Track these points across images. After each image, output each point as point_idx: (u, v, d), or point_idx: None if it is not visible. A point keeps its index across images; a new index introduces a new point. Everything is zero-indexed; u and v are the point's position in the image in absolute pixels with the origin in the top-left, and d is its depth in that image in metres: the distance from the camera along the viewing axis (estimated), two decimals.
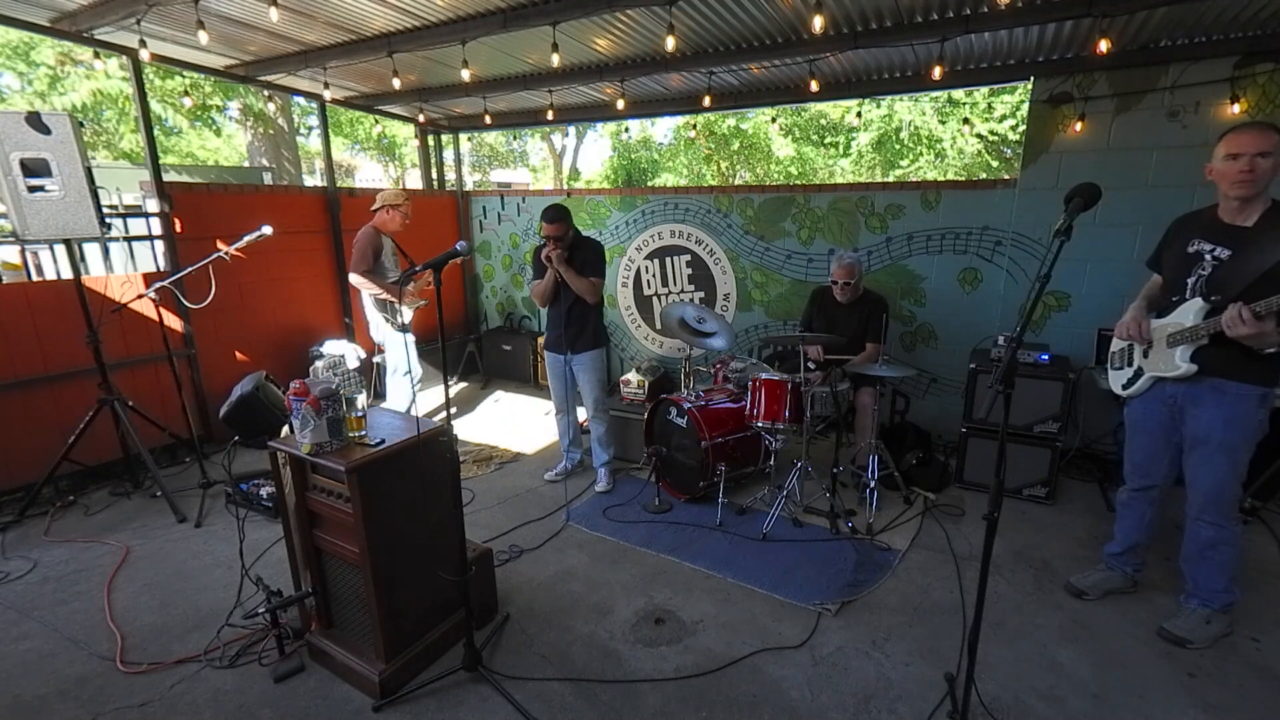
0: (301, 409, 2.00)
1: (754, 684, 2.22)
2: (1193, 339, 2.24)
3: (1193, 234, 2.30)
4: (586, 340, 3.65)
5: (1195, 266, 2.27)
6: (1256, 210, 2.15)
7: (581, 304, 3.56)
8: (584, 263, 3.52)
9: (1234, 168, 2.12)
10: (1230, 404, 2.23)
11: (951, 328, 4.37)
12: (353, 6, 3.36)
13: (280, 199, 5.08)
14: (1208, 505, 2.36)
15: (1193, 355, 2.26)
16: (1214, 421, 2.27)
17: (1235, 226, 2.19)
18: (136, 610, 2.64)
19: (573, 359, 3.67)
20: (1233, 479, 2.31)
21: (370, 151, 16.71)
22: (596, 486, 3.80)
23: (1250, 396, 2.20)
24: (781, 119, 11.99)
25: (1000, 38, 3.49)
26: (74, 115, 3.14)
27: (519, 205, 6.26)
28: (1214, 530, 2.36)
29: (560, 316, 3.57)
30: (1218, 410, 2.25)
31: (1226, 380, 2.22)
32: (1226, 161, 2.15)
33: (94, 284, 3.71)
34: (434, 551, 2.27)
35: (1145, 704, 2.12)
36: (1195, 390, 2.30)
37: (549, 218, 3.42)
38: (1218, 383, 2.24)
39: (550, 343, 3.75)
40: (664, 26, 3.24)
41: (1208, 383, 2.26)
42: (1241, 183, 2.12)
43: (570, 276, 3.46)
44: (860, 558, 3.01)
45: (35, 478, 3.46)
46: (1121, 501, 2.69)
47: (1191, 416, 2.33)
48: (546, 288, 3.55)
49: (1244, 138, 2.11)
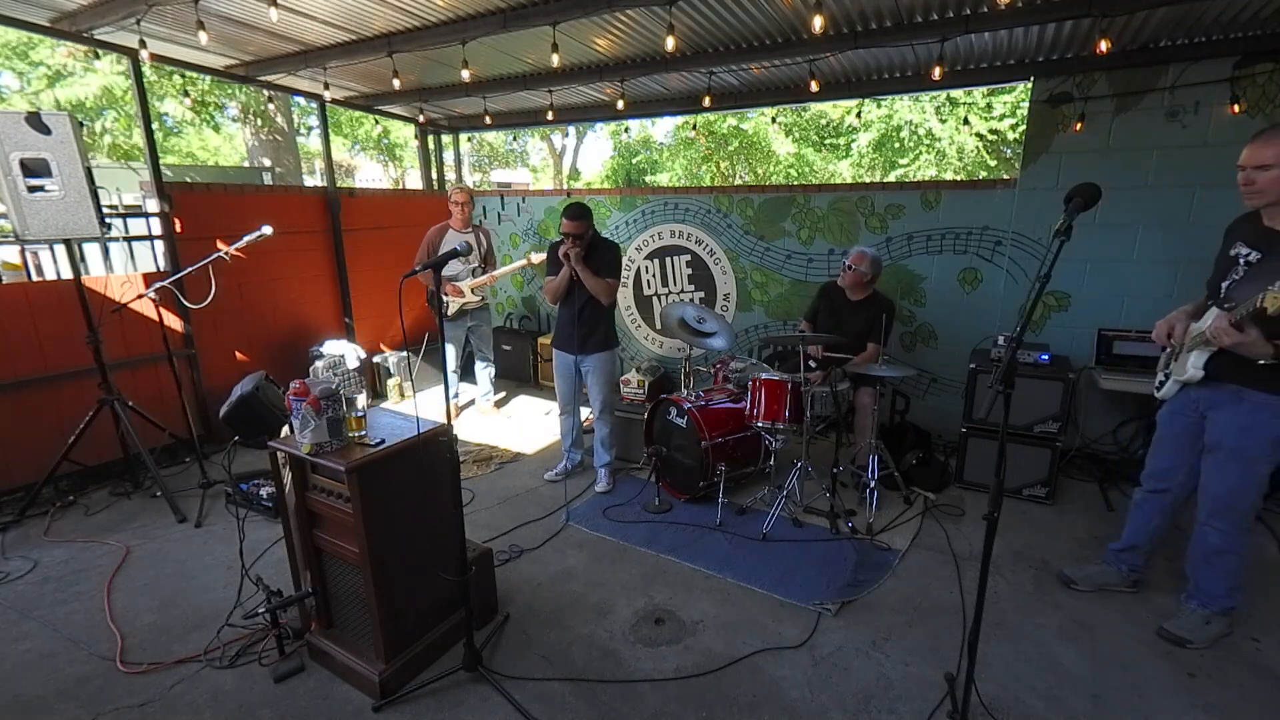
0: (301, 409, 2.00)
1: (754, 684, 2.22)
2: (1206, 344, 2.22)
3: (1238, 236, 2.25)
4: (597, 341, 3.62)
5: (1231, 270, 2.23)
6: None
7: (595, 304, 3.54)
8: (600, 263, 3.50)
9: (1240, 179, 2.13)
10: (1249, 412, 2.19)
11: (951, 328, 4.37)
12: (353, 6, 3.36)
13: (280, 199, 5.09)
14: (1216, 511, 2.34)
15: (1207, 361, 2.23)
16: (1229, 428, 2.25)
17: (1274, 230, 2.12)
18: (136, 610, 2.64)
19: (582, 359, 3.65)
20: (1245, 489, 2.27)
21: (370, 151, 16.71)
22: (596, 487, 3.80)
23: (1269, 406, 2.15)
24: (781, 118, 11.98)
25: (1000, 38, 3.49)
26: (73, 115, 3.13)
27: (519, 205, 6.26)
28: (1220, 538, 2.34)
29: (572, 316, 3.56)
30: (1235, 417, 2.23)
31: (1246, 388, 2.18)
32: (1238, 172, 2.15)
33: (94, 284, 3.71)
34: (434, 551, 2.27)
35: (1145, 704, 2.13)
36: (1217, 396, 2.27)
37: (571, 215, 3.40)
38: (1238, 390, 2.20)
39: (560, 341, 3.72)
40: (664, 26, 3.24)
41: (1229, 389, 2.23)
42: (1246, 195, 2.12)
43: (586, 276, 3.45)
44: (860, 558, 3.01)
45: (35, 478, 3.46)
46: (1134, 501, 2.68)
47: (1210, 421, 2.32)
48: (560, 285, 3.53)
49: (1246, 150, 2.11)
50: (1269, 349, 2.01)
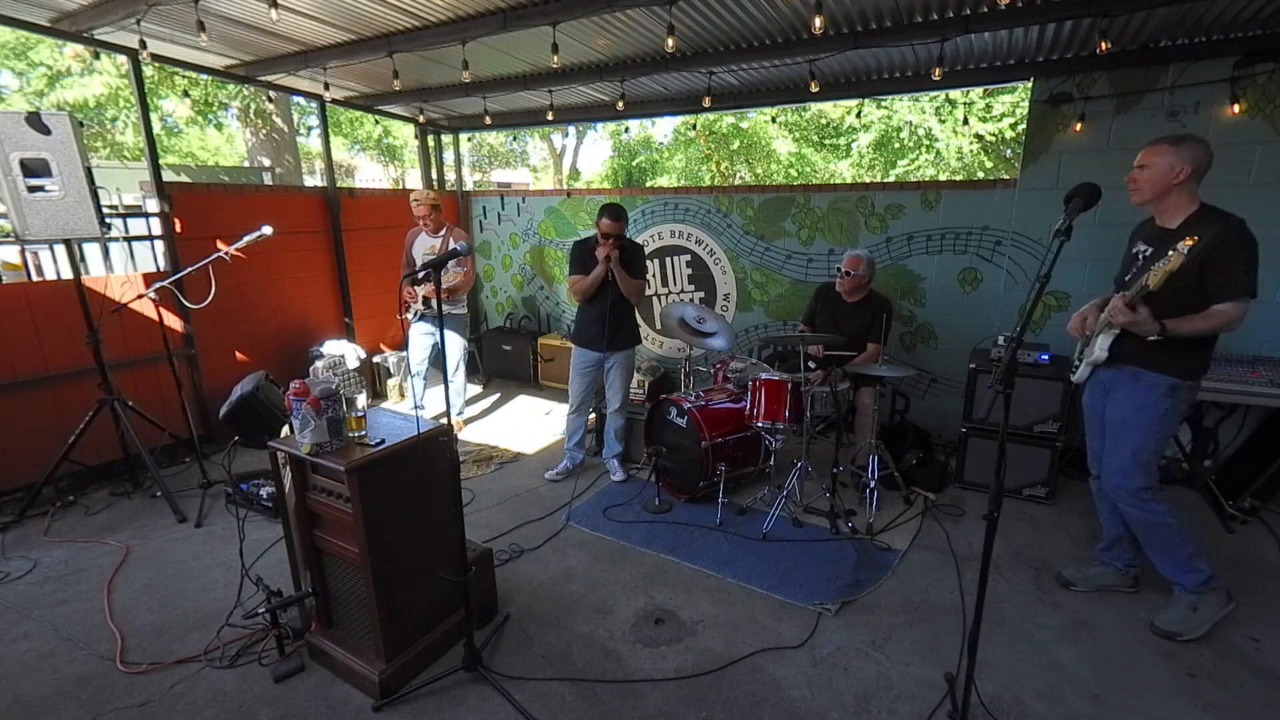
0: (301, 409, 2.00)
1: (754, 684, 2.22)
2: (1110, 328, 2.37)
3: (1140, 236, 2.49)
4: (624, 338, 3.74)
5: (1133, 266, 2.45)
6: (1182, 214, 2.30)
7: (623, 302, 3.63)
8: (630, 264, 3.60)
9: (1126, 178, 2.39)
10: (1142, 390, 2.38)
11: (951, 328, 4.37)
12: (353, 6, 3.36)
13: (280, 199, 5.08)
14: (1115, 488, 2.48)
15: (1112, 344, 2.38)
16: (1125, 405, 2.43)
17: (1162, 228, 2.36)
18: (136, 610, 2.64)
19: (608, 356, 3.73)
20: (1133, 463, 2.41)
21: (370, 151, 16.70)
22: (614, 477, 3.87)
23: (1159, 385, 2.33)
24: (782, 118, 11.98)
25: (1000, 38, 3.49)
26: (73, 115, 3.13)
27: (519, 205, 6.26)
28: (1135, 510, 2.45)
29: (602, 314, 3.61)
30: (1130, 395, 2.42)
31: (1141, 368, 2.37)
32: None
33: (94, 284, 3.71)
34: (434, 551, 2.27)
35: (1145, 704, 2.13)
36: (1118, 376, 2.46)
37: (614, 215, 3.47)
38: (1135, 370, 2.39)
39: (586, 339, 3.74)
40: (664, 26, 3.24)
41: (1128, 370, 2.42)
42: (1131, 192, 2.39)
43: (622, 276, 3.53)
44: (860, 558, 3.01)
45: (35, 478, 3.46)
46: (1094, 495, 2.75)
47: (1110, 400, 2.49)
48: (592, 284, 3.58)
49: (1140, 153, 2.35)
50: (1156, 326, 2.19)
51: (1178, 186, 2.26)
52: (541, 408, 5.39)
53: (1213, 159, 2.25)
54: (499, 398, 5.72)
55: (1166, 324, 2.18)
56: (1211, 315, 2.18)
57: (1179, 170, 2.23)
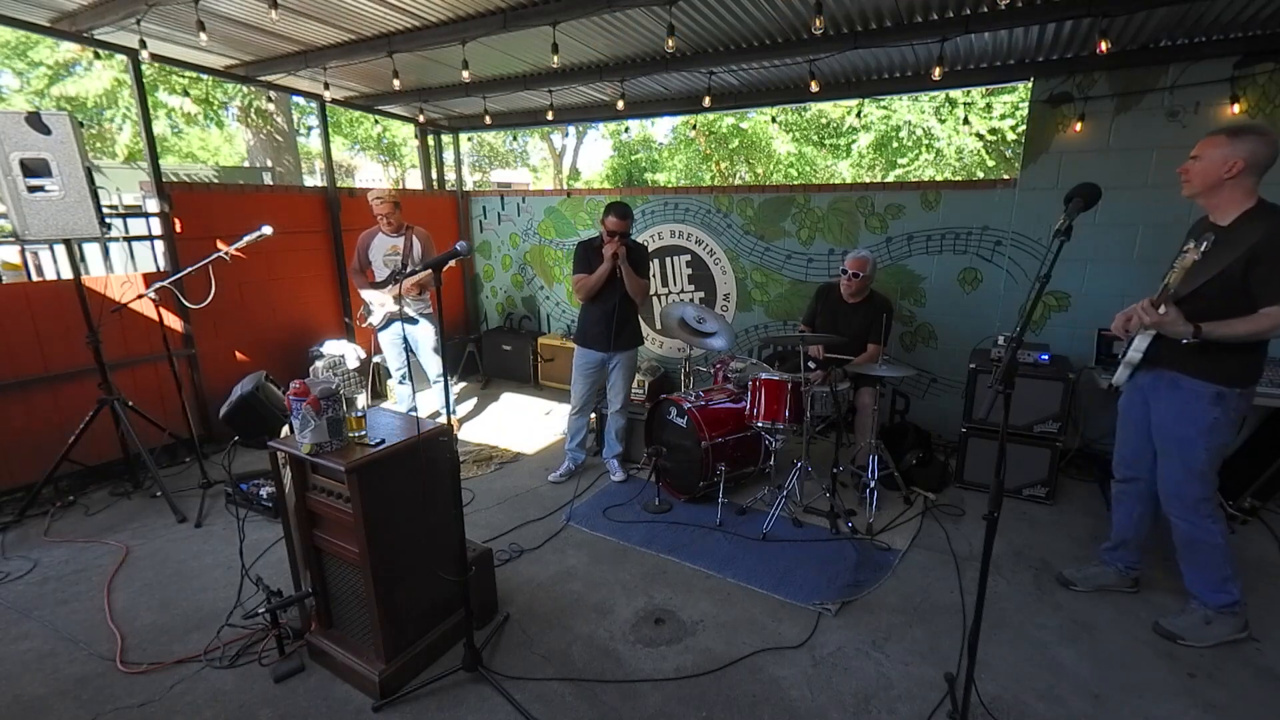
0: (301, 409, 2.00)
1: (754, 684, 2.22)
2: (1147, 330, 2.29)
3: (1191, 235, 2.35)
4: (628, 338, 3.73)
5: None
6: (1235, 210, 2.16)
7: (627, 301, 3.63)
8: (636, 263, 3.60)
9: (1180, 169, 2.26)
10: (1182, 399, 2.28)
11: (951, 328, 4.37)
12: (353, 6, 3.36)
13: (280, 199, 5.08)
14: (1169, 499, 2.40)
15: (1149, 345, 2.30)
16: (1167, 415, 2.34)
17: (1216, 226, 2.22)
18: (136, 610, 2.64)
19: (612, 356, 3.72)
20: (1186, 475, 2.32)
21: (370, 151, 16.70)
22: (614, 477, 3.87)
23: (1203, 393, 2.22)
24: (781, 118, 11.97)
25: (1000, 38, 3.49)
26: (73, 115, 3.13)
27: (519, 205, 6.26)
28: (1186, 525, 2.38)
29: (607, 313, 3.60)
30: (1170, 404, 2.32)
31: (1181, 375, 2.27)
32: None
33: (94, 284, 3.71)
34: (434, 551, 2.27)
35: (1145, 704, 2.13)
36: (1157, 383, 2.36)
37: (620, 213, 3.46)
38: (1174, 377, 2.29)
39: (590, 339, 3.73)
40: (664, 26, 3.24)
41: (1166, 377, 2.32)
42: (1182, 184, 2.26)
43: (629, 275, 3.53)
44: (860, 558, 3.01)
45: (35, 478, 3.46)
46: (1113, 496, 2.72)
47: (1152, 410, 2.41)
48: (597, 281, 3.57)
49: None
50: (1188, 328, 2.08)
51: (1230, 181, 2.12)
52: (541, 408, 5.39)
53: (1278, 154, 2.09)
54: (499, 398, 5.72)
55: (1203, 326, 2.06)
56: (1258, 319, 2.03)
57: (1232, 164, 2.09)
